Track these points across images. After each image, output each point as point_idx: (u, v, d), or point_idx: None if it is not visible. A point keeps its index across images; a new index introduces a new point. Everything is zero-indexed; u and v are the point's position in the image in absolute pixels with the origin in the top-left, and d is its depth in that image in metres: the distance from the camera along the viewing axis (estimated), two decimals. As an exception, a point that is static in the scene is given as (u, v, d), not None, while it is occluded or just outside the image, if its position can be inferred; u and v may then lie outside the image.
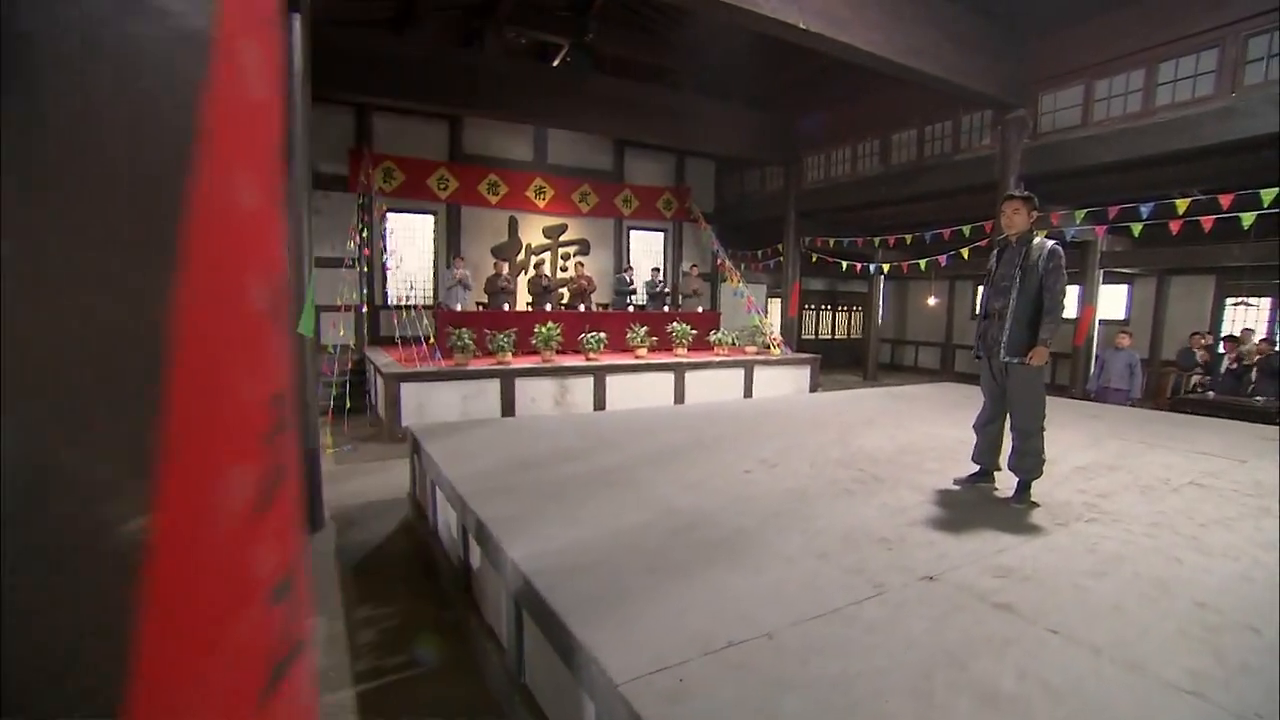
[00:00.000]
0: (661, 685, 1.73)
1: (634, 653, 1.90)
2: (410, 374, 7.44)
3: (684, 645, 1.94)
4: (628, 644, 1.95)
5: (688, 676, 1.77)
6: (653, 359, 9.31)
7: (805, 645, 1.95)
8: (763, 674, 1.79)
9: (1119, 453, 4.51)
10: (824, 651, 1.91)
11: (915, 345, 15.89)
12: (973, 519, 3.07)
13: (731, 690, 1.72)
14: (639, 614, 2.12)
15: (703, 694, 1.70)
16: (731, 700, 1.68)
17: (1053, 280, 3.25)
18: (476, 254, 11.70)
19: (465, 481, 3.61)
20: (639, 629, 2.03)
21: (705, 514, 3.09)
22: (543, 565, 2.50)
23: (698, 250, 13.87)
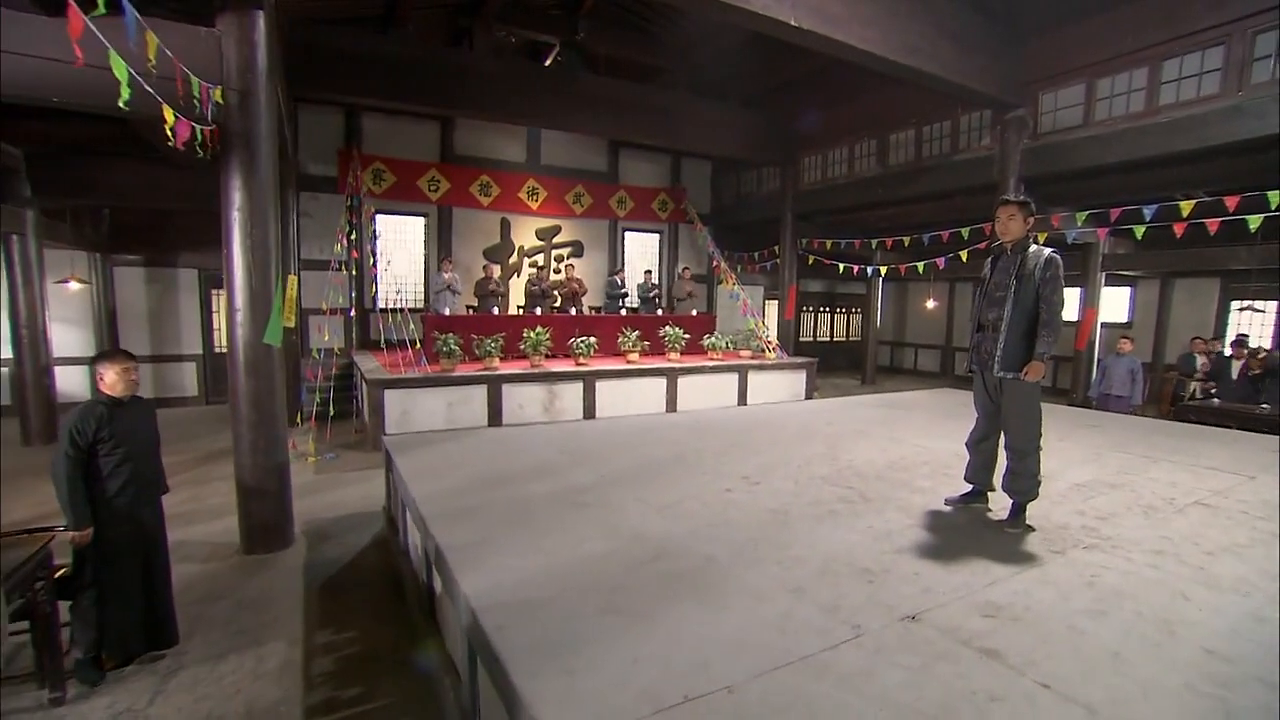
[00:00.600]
0: (600, 755, 1.53)
1: (577, 710, 1.71)
2: (394, 380, 7.25)
3: (634, 701, 1.75)
4: (572, 699, 1.76)
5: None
6: (644, 364, 9.11)
7: (768, 702, 1.75)
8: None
9: (1120, 468, 4.30)
10: (788, 711, 1.71)
11: (915, 348, 15.66)
12: (963, 546, 2.87)
13: (679, 761, 1.53)
14: (590, 662, 1.93)
15: (646, 766, 1.51)
16: (677, 775, 1.49)
17: (1050, 290, 3.05)
18: (468, 256, 11.52)
19: (429, 501, 3.43)
20: (587, 681, 1.84)
21: (675, 541, 2.90)
22: (495, 600, 2.31)
23: (694, 252, 13.67)
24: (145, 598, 3.06)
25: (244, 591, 3.84)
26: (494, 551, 2.76)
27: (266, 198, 4.06)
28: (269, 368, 4.15)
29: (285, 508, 4.32)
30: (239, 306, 4.02)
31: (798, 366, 10.36)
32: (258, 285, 4.04)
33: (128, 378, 2.95)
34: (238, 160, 3.91)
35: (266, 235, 4.07)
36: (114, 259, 8.67)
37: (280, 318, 4.17)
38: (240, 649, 3.26)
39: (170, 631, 3.19)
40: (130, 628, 2.99)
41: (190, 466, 6.29)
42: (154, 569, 3.11)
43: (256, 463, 4.13)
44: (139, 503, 3.00)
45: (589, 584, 2.47)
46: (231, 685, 2.95)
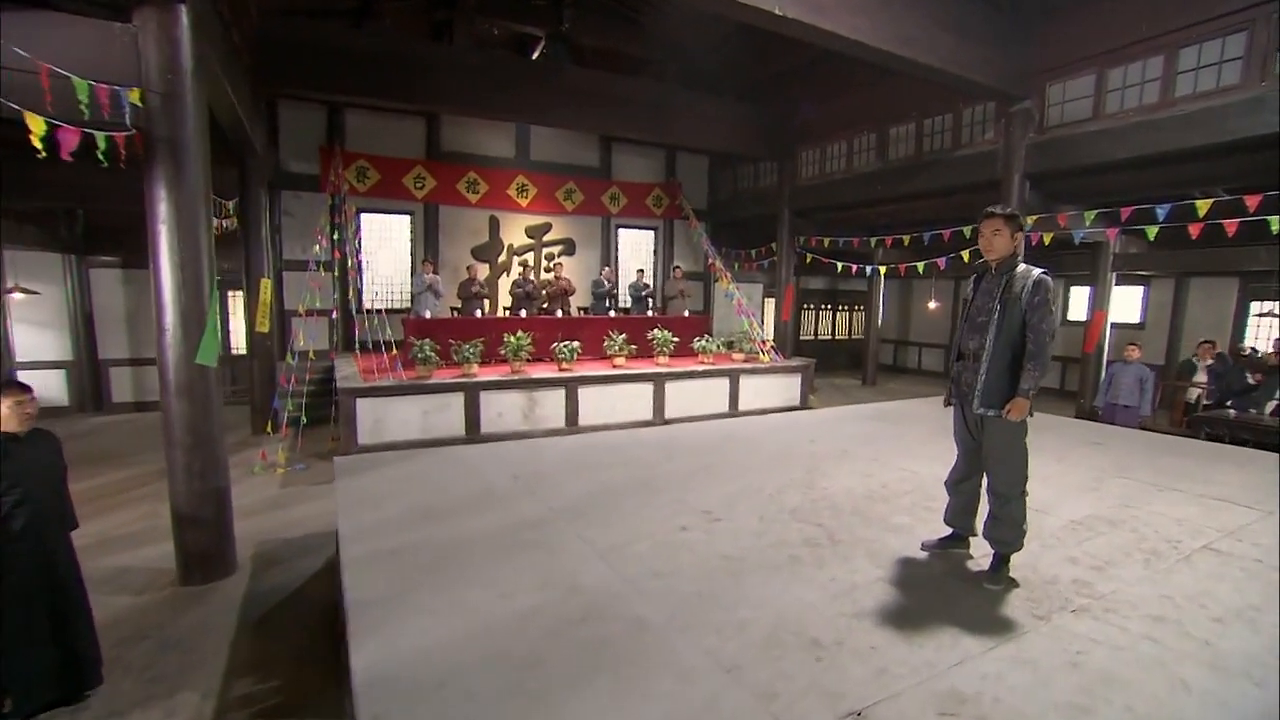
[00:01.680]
0: None
1: None
2: (366, 389, 7.01)
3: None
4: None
5: None
6: (630, 368, 8.81)
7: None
8: None
9: (1123, 499, 3.95)
10: None
11: (919, 347, 15.23)
12: (933, 607, 2.55)
13: None
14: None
15: None
16: None
17: (1038, 318, 2.71)
18: (456, 255, 11.26)
19: (355, 540, 3.15)
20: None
21: (612, 595, 2.60)
22: (384, 676, 2.03)
23: (690, 249, 13.31)
24: (57, 645, 2.82)
25: (171, 629, 3.59)
26: (406, 609, 2.47)
27: (196, 207, 3.79)
28: (203, 389, 3.88)
29: (225, 534, 4.07)
30: (168, 326, 3.76)
31: (792, 370, 10.02)
32: (188, 303, 3.77)
33: (22, 411, 2.68)
34: (162, 169, 3.63)
35: (198, 249, 3.80)
36: (90, 261, 8.46)
37: (214, 337, 3.90)
38: (149, 701, 3.01)
39: (91, 674, 2.95)
40: (36, 677, 2.75)
41: (151, 479, 6.06)
42: (67, 613, 2.86)
43: (192, 489, 3.88)
44: (43, 543, 2.75)
45: (501, 654, 2.18)
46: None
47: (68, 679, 2.86)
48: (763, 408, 9.63)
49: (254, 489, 5.86)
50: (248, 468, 6.40)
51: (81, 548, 3.19)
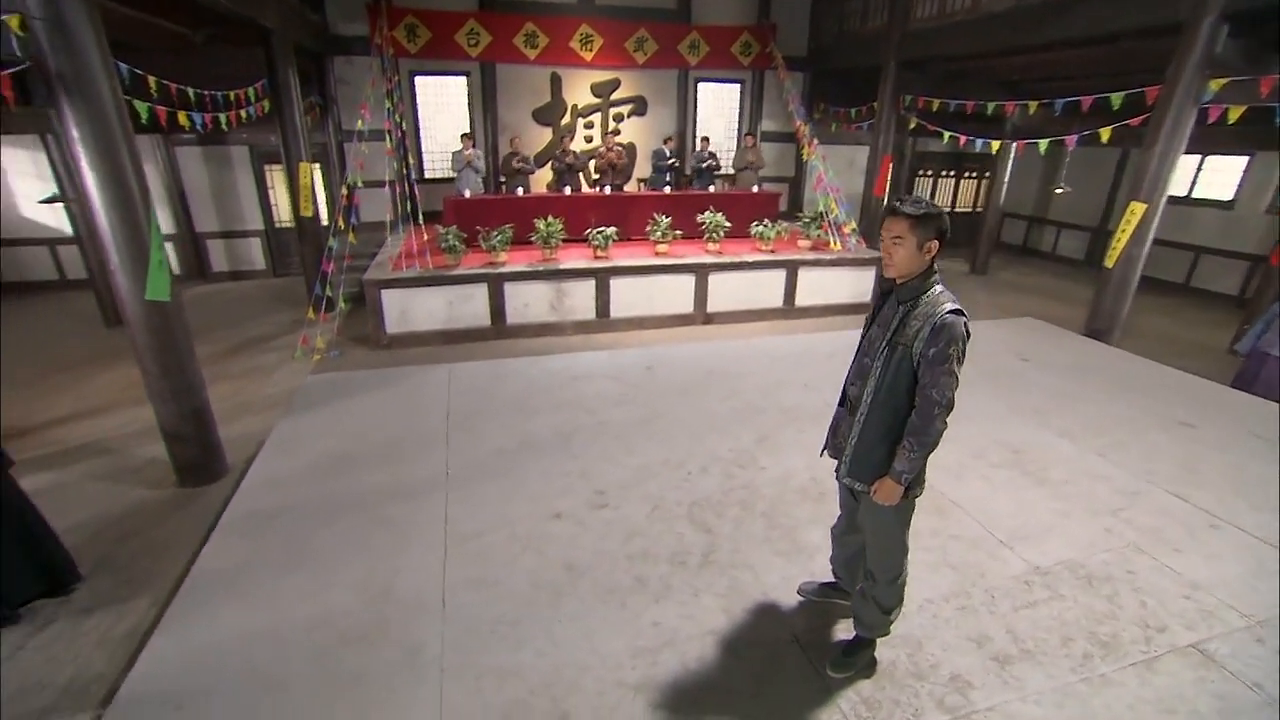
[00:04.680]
0: None
1: None
2: (390, 280, 7.19)
3: None
4: None
5: None
6: (672, 257, 8.21)
7: None
8: None
9: (1140, 539, 3.20)
10: None
11: (1056, 227, 12.67)
12: (732, 698, 2.27)
13: None
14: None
15: None
16: None
17: (930, 378, 1.99)
18: (516, 118, 10.68)
19: (246, 495, 3.38)
20: None
21: (412, 608, 2.64)
22: (150, 687, 2.22)
23: (782, 106, 11.55)
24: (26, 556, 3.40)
25: (156, 532, 4.20)
26: (232, 591, 2.68)
27: (114, 142, 3.72)
28: (161, 320, 4.12)
29: (209, 446, 4.53)
30: (114, 265, 3.93)
31: (865, 262, 8.81)
32: (127, 242, 3.88)
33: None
34: (68, 103, 3.56)
35: (124, 186, 3.80)
36: (173, 139, 9.03)
37: (161, 271, 4.04)
38: (112, 602, 3.59)
39: (67, 575, 3.57)
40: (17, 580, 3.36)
41: (215, 360, 6.84)
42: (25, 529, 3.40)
43: (169, 410, 4.30)
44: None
45: (260, 672, 2.31)
46: (74, 650, 3.28)
47: (47, 579, 3.46)
48: (824, 304, 8.77)
49: (287, 377, 6.44)
50: (291, 352, 6.99)
51: (124, 435, 3.68)
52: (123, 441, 4.83)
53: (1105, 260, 6.55)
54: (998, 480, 3.64)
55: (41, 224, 8.58)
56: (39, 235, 8.71)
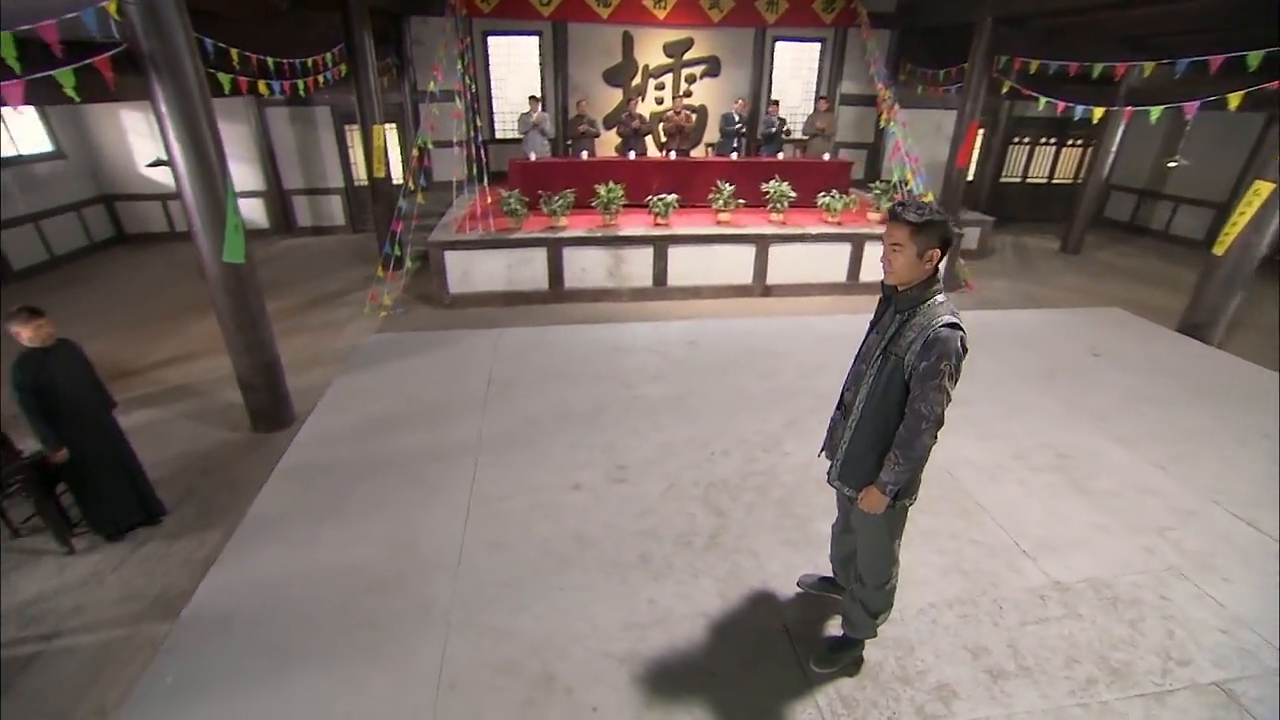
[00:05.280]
0: None
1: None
2: (453, 242, 7.45)
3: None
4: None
5: None
6: (733, 227, 8.07)
7: None
8: None
9: (1183, 564, 3.00)
10: None
11: (1173, 201, 11.41)
12: (716, 680, 2.37)
13: None
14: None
15: None
16: None
17: (920, 391, 1.94)
18: (586, 79, 10.61)
19: (301, 448, 3.71)
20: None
21: (430, 565, 2.87)
22: (208, 607, 2.56)
23: (864, 68, 10.89)
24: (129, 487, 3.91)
25: (232, 470, 4.69)
26: (276, 535, 2.98)
27: (196, 114, 4.04)
28: (237, 282, 4.50)
29: (278, 396, 4.96)
30: (197, 229, 4.30)
31: (938, 240, 8.31)
32: (206, 208, 4.23)
33: (42, 331, 3.45)
34: (159, 84, 3.88)
35: (205, 156, 4.14)
36: (264, 100, 9.57)
37: (236, 235, 4.39)
38: (198, 530, 4.09)
39: (155, 506, 4.09)
40: (110, 511, 3.88)
41: (294, 313, 7.40)
42: (125, 466, 3.91)
43: (243, 363, 4.74)
44: (91, 421, 3.69)
45: (296, 609, 2.59)
46: (163, 569, 3.77)
47: (142, 509, 3.97)
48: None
49: (356, 332, 6.88)
50: (361, 307, 7.44)
51: (211, 380, 4.13)
52: (210, 386, 5.37)
53: (1215, 246, 5.91)
54: (1034, 485, 3.48)
55: (155, 181, 9.40)
56: (153, 191, 9.56)
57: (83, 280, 8.20)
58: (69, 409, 3.54)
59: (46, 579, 3.45)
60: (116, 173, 9.46)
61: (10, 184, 7.97)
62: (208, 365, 5.78)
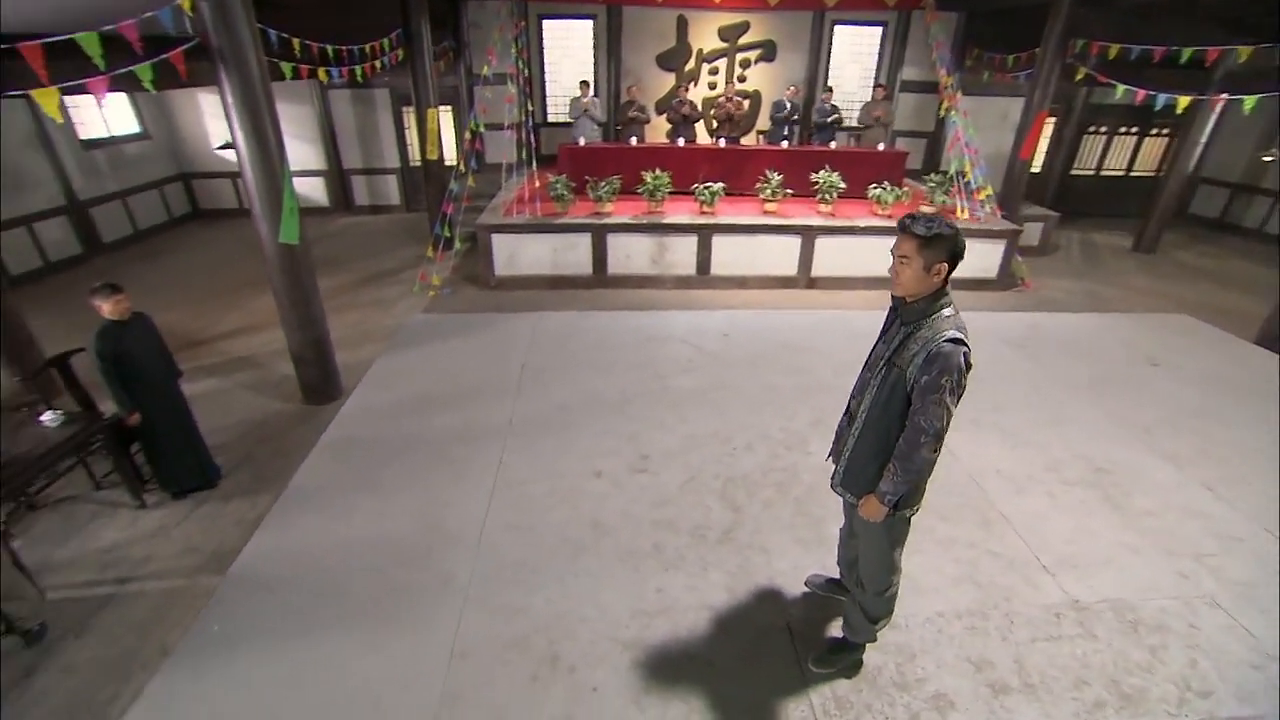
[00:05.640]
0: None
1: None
2: (500, 225, 7.62)
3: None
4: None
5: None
6: (779, 217, 7.96)
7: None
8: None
9: (1219, 592, 2.88)
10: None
11: (1273, 198, 10.57)
12: (715, 672, 2.43)
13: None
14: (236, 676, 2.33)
15: None
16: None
17: (920, 405, 1.94)
18: (639, 63, 10.59)
19: (344, 421, 3.94)
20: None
21: (453, 541, 3.02)
22: (251, 568, 2.79)
23: (928, 53, 10.45)
24: (189, 451, 4.24)
25: (285, 440, 5.00)
26: (315, 505, 3.20)
27: (258, 101, 4.27)
28: (291, 261, 4.77)
29: (327, 371, 5.24)
30: (256, 211, 4.57)
31: (993, 234, 8.00)
32: (265, 190, 4.49)
33: (120, 306, 3.76)
34: (226, 75, 4.12)
35: (265, 141, 4.37)
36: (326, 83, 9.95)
37: (293, 218, 4.63)
38: (250, 493, 4.40)
39: (213, 471, 4.42)
40: (183, 471, 4.22)
41: (348, 290, 7.75)
42: (188, 432, 4.24)
43: (295, 338, 5.03)
44: (160, 389, 4.02)
45: (328, 576, 2.80)
46: (225, 525, 4.09)
47: (200, 473, 4.30)
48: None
49: (404, 311, 7.15)
50: (410, 286, 7.73)
51: (269, 352, 4.40)
52: (267, 358, 5.71)
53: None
54: (1065, 499, 3.37)
55: (227, 160, 9.94)
56: (225, 169, 10.11)
57: (161, 253, 8.79)
58: (141, 377, 3.85)
59: (121, 530, 3.79)
60: (193, 152, 10.06)
61: (103, 163, 8.59)
62: (266, 338, 6.14)
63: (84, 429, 3.84)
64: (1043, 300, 7.68)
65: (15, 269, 7.36)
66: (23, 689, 2.61)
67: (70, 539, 3.65)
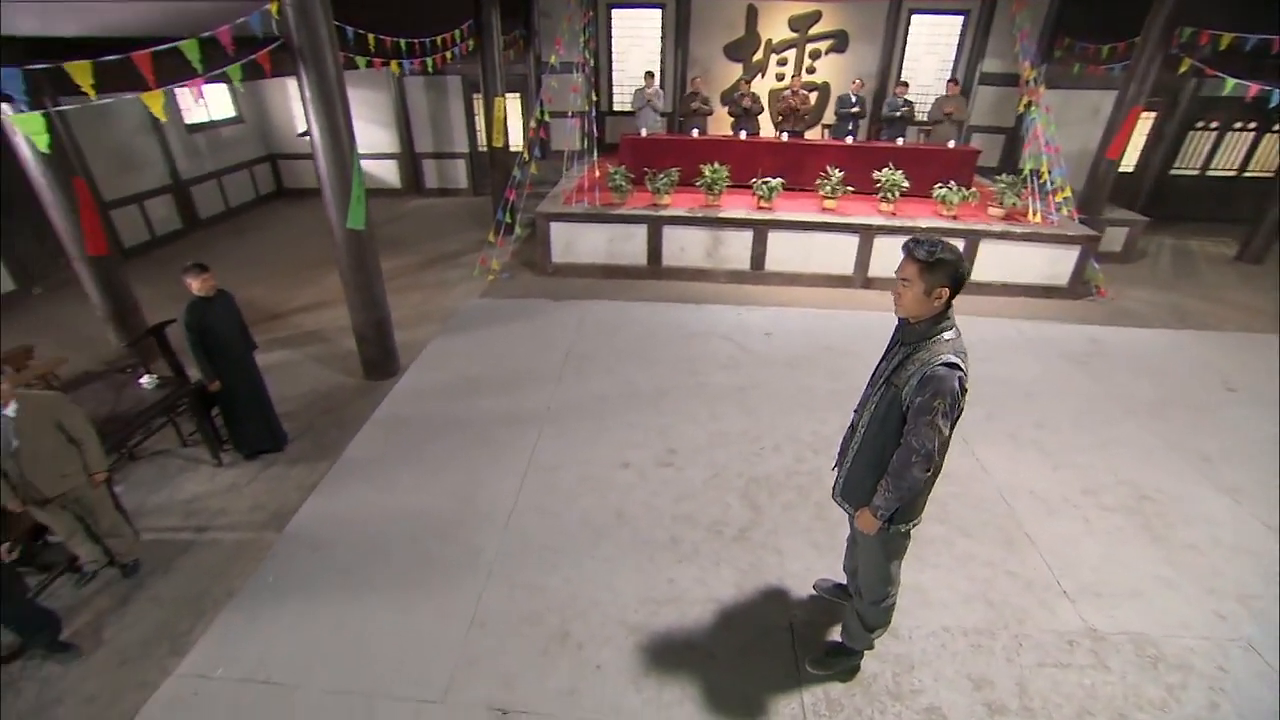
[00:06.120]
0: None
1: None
2: (558, 214, 7.83)
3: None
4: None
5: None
6: (837, 215, 7.83)
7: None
8: None
9: (1245, 622, 2.77)
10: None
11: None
12: (712, 664, 2.55)
13: None
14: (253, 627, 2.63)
15: None
16: None
17: (912, 426, 1.99)
18: (707, 54, 10.54)
19: (395, 400, 4.23)
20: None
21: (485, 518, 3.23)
22: (305, 529, 3.10)
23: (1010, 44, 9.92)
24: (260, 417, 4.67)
25: (345, 411, 5.39)
26: (362, 475, 3.49)
27: (332, 95, 4.59)
28: (357, 246, 5.11)
29: (386, 349, 5.59)
30: (327, 199, 4.92)
31: (1067, 239, 7.58)
32: (335, 178, 4.82)
33: (207, 284, 4.17)
34: (305, 72, 4.45)
35: (337, 130, 4.69)
36: (404, 69, 10.40)
37: (360, 205, 4.96)
38: (312, 459, 4.80)
39: (281, 436, 4.84)
40: (248, 435, 4.65)
41: (412, 270, 8.16)
42: (260, 399, 4.66)
43: (358, 317, 5.39)
44: (237, 360, 4.44)
45: (371, 541, 3.06)
46: (287, 487, 4.49)
47: (270, 438, 4.72)
48: (1006, 282, 7.82)
49: (464, 293, 7.49)
50: (471, 269, 8.07)
51: (337, 328, 4.75)
52: (335, 334, 6.15)
53: None
54: (1099, 525, 3.27)
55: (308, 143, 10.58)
56: (307, 151, 10.75)
57: (248, 230, 9.51)
58: (222, 349, 4.27)
59: (201, 484, 4.24)
60: (280, 134, 10.76)
61: (202, 146, 9.34)
62: (335, 314, 6.59)
63: (174, 392, 4.29)
64: (1118, 312, 7.25)
65: (128, 242, 8.15)
66: (120, 614, 3.02)
67: (161, 488, 4.11)
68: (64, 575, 3.31)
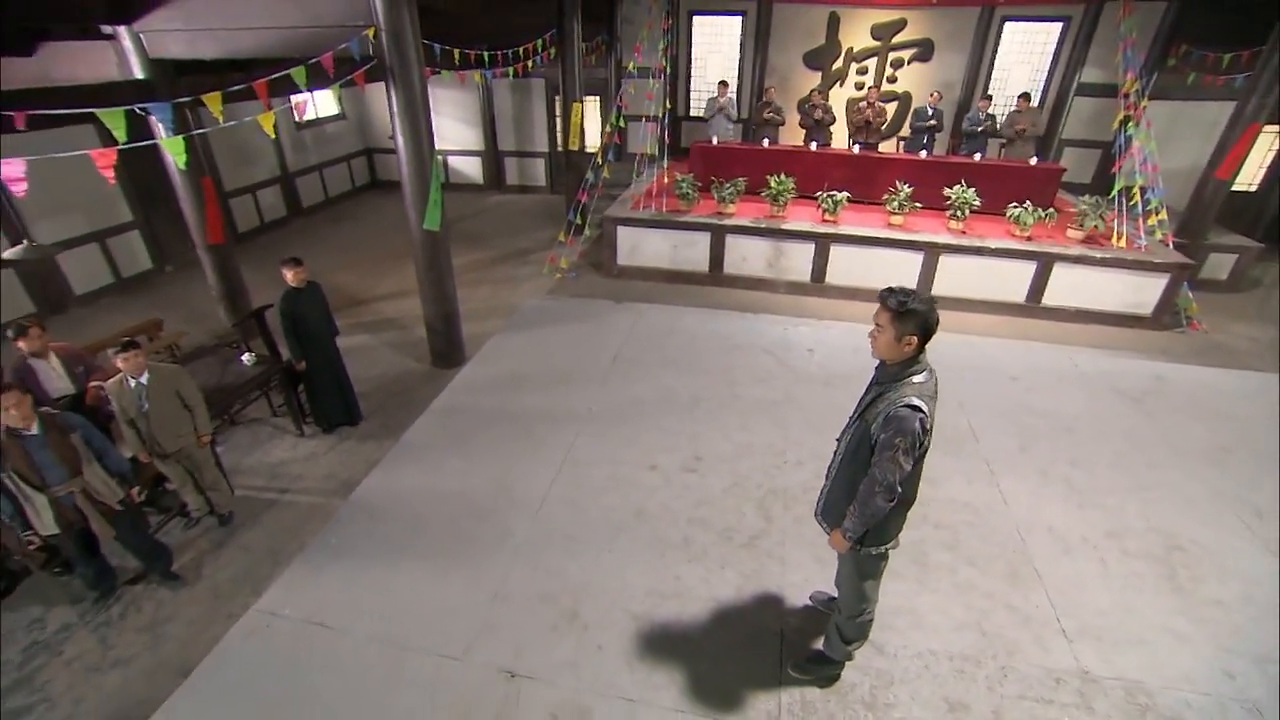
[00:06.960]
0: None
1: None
2: (625, 219, 8.15)
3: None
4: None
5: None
6: (903, 232, 7.75)
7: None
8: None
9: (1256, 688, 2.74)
10: None
11: None
12: (703, 660, 2.79)
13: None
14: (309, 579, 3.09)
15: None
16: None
17: (876, 459, 2.17)
18: (786, 62, 10.57)
19: (452, 391, 4.66)
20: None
21: (517, 505, 3.61)
22: (366, 500, 3.57)
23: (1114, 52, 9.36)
24: (339, 395, 5.25)
25: (412, 395, 5.92)
26: (415, 458, 3.94)
27: (416, 106, 5.07)
28: (432, 245, 5.61)
29: (454, 341, 6.10)
30: (409, 201, 5.44)
31: (1152, 267, 7.16)
32: (415, 180, 5.32)
33: (299, 275, 4.75)
34: (394, 87, 4.95)
35: (419, 137, 5.18)
36: (493, 73, 11.01)
37: (436, 207, 5.45)
38: (379, 437, 5.35)
39: (356, 413, 5.42)
40: (326, 411, 5.23)
41: (488, 265, 8.71)
42: (339, 380, 5.24)
43: (429, 310, 5.91)
44: (321, 344, 5.02)
45: (418, 517, 3.48)
46: (357, 461, 5.05)
47: (347, 414, 5.30)
48: (1080, 308, 7.49)
49: (532, 290, 7.96)
50: (540, 267, 8.53)
51: (412, 317, 5.30)
52: (410, 322, 6.73)
53: None
54: (1117, 569, 3.24)
55: (405, 137, 11.39)
56: (400, 146, 11.61)
57: (343, 219, 10.39)
58: (309, 334, 4.85)
59: (285, 451, 4.84)
60: (376, 130, 11.65)
61: (309, 141, 10.29)
62: (411, 304, 7.18)
63: (268, 369, 4.93)
64: (1209, 347, 6.79)
65: (241, 228, 9.15)
66: (216, 555, 3.60)
67: (253, 452, 4.74)
68: (175, 519, 3.95)
